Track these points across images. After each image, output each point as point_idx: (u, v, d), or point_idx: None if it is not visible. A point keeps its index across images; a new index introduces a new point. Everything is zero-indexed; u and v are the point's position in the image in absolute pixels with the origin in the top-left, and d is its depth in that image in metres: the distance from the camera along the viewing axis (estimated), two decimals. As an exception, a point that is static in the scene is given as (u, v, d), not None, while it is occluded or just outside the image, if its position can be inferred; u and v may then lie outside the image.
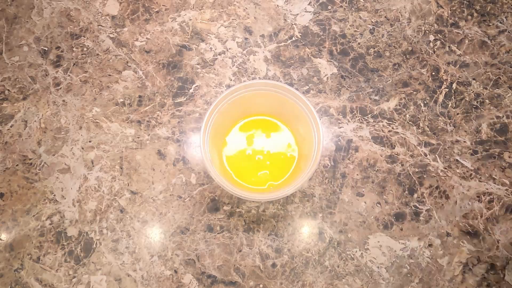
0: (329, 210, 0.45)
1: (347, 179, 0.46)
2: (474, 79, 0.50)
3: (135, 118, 0.48)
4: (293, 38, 0.52)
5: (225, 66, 0.50)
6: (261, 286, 0.42)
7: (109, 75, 0.50)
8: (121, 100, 0.49)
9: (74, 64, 0.51)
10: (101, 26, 0.53)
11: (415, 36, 0.52)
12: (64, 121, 0.48)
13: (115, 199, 0.45)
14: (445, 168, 0.46)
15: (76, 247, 0.44)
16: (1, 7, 0.54)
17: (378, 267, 0.43)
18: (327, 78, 0.50)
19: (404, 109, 0.49)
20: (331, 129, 0.48)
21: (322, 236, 0.44)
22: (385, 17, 0.52)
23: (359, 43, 0.51)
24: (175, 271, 0.43)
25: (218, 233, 0.44)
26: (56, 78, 0.50)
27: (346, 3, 0.53)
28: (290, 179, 0.42)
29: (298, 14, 0.53)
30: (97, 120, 0.48)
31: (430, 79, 0.50)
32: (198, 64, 0.51)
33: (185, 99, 0.49)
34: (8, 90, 0.50)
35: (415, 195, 0.45)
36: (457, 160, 0.47)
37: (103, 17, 0.53)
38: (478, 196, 0.45)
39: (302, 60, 0.51)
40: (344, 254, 0.43)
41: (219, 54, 0.51)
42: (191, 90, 0.50)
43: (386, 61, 0.51)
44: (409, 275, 0.43)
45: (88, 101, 0.49)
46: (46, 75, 0.50)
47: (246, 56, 0.51)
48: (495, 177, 0.46)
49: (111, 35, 0.52)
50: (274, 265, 0.43)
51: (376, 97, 0.49)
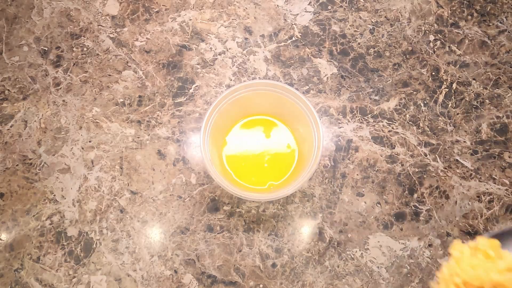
0: (329, 210, 0.45)
1: (347, 179, 0.46)
2: (474, 79, 0.50)
3: (135, 118, 0.48)
4: (293, 38, 0.52)
5: (225, 66, 0.50)
6: (261, 286, 0.42)
7: (109, 75, 0.50)
8: (121, 100, 0.49)
9: (74, 64, 0.51)
10: (101, 26, 0.53)
11: (415, 36, 0.52)
12: (64, 121, 0.48)
13: (115, 199, 0.45)
14: (445, 168, 0.46)
15: (76, 247, 0.44)
16: (1, 7, 0.54)
17: (378, 267, 0.43)
18: (327, 78, 0.50)
19: (404, 109, 0.49)
20: (331, 129, 0.48)
21: (322, 236, 0.44)
22: (385, 17, 0.53)
23: (359, 43, 0.51)
24: (175, 271, 0.43)
25: (218, 233, 0.44)
26: (56, 78, 0.50)
27: (346, 3, 0.53)
28: (290, 179, 0.42)
29: (298, 14, 0.53)
30: (97, 120, 0.48)
31: (430, 79, 0.50)
32: (198, 64, 0.51)
33: (185, 99, 0.49)
34: (8, 90, 0.50)
35: (415, 195, 0.45)
36: (457, 160, 0.47)
37: (103, 17, 0.53)
38: (478, 196, 0.45)
39: (302, 60, 0.51)
40: (344, 254, 0.43)
41: (219, 54, 0.51)
42: (191, 90, 0.50)
43: (386, 61, 0.51)
44: (409, 275, 0.43)
45: (88, 101, 0.49)
46: (46, 75, 0.50)
47: (246, 56, 0.51)
48: (495, 177, 0.46)
49: (111, 35, 0.52)
50: (274, 265, 0.43)
51: (376, 97, 0.49)
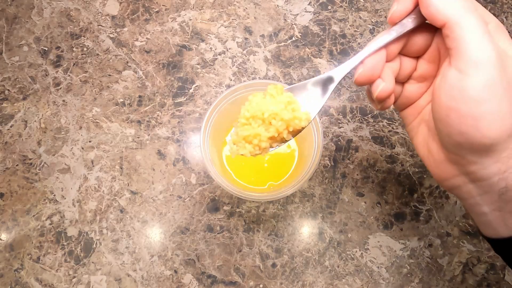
0: (329, 210, 0.45)
1: (347, 179, 0.46)
2: (474, 79, 0.50)
3: (135, 118, 0.48)
4: (293, 38, 0.52)
5: (225, 66, 0.50)
6: (261, 286, 0.42)
7: (109, 75, 0.50)
8: (121, 100, 0.49)
9: (74, 64, 0.51)
10: (101, 26, 0.53)
11: (415, 36, 0.52)
12: (64, 121, 0.48)
13: (115, 199, 0.45)
14: (445, 168, 0.46)
15: (76, 247, 0.44)
16: (1, 7, 0.54)
17: (378, 267, 0.43)
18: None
19: (404, 109, 0.49)
20: (331, 129, 0.48)
21: (322, 236, 0.44)
22: (385, 17, 0.52)
23: (359, 43, 0.51)
24: (175, 271, 0.43)
25: (218, 233, 0.44)
26: (56, 78, 0.50)
27: (346, 3, 0.53)
28: (290, 179, 0.42)
29: (298, 14, 0.53)
30: (97, 120, 0.48)
31: (430, 79, 0.50)
32: (198, 64, 0.51)
33: (185, 99, 0.49)
34: (8, 90, 0.50)
35: (415, 195, 0.45)
36: (457, 160, 0.47)
37: (103, 17, 0.53)
38: (478, 196, 0.45)
39: (302, 60, 0.51)
40: (344, 254, 0.43)
41: (219, 54, 0.51)
42: (191, 90, 0.50)
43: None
44: (409, 275, 0.43)
45: (88, 101, 0.49)
46: (46, 75, 0.50)
47: (246, 56, 0.51)
48: (495, 177, 0.46)
49: (111, 35, 0.52)
50: (274, 265, 0.43)
51: (376, 97, 0.49)
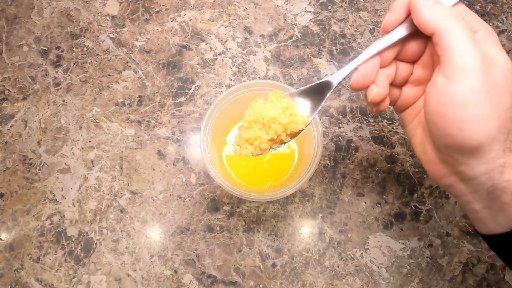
0: (329, 210, 0.45)
1: (347, 179, 0.46)
2: (474, 79, 0.50)
3: (135, 118, 0.48)
4: (293, 38, 0.52)
5: (225, 66, 0.50)
6: (261, 286, 0.42)
7: (109, 75, 0.50)
8: (121, 100, 0.49)
9: (74, 64, 0.51)
10: (101, 26, 0.53)
11: (415, 36, 0.52)
12: (64, 121, 0.48)
13: (115, 199, 0.45)
14: (445, 168, 0.46)
15: (76, 247, 0.44)
16: (1, 7, 0.54)
17: (378, 267, 0.43)
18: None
19: (404, 109, 0.49)
20: (331, 129, 0.48)
21: (322, 236, 0.44)
22: (385, 17, 0.52)
23: (359, 43, 0.51)
24: (175, 271, 0.43)
25: (218, 233, 0.44)
26: (56, 78, 0.50)
27: (346, 3, 0.53)
28: (290, 179, 0.42)
29: (298, 14, 0.53)
30: (97, 120, 0.48)
31: (430, 79, 0.50)
32: (198, 64, 0.51)
33: (185, 99, 0.49)
34: (8, 90, 0.50)
35: (415, 195, 0.45)
36: (457, 160, 0.47)
37: (103, 17, 0.53)
38: (478, 196, 0.45)
39: (302, 60, 0.51)
40: (344, 254, 0.43)
41: (219, 54, 0.51)
42: (191, 90, 0.50)
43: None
44: (409, 275, 0.43)
45: (88, 101, 0.49)
46: (46, 75, 0.50)
47: (246, 56, 0.51)
48: (495, 177, 0.46)
49: (111, 35, 0.52)
50: (274, 265, 0.43)
51: (376, 97, 0.49)
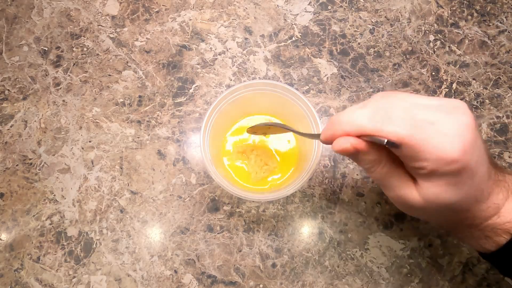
0: (329, 210, 0.45)
1: (347, 179, 0.46)
2: (474, 79, 0.50)
3: (135, 118, 0.48)
4: (293, 38, 0.52)
5: (225, 66, 0.50)
6: (261, 286, 0.42)
7: (109, 75, 0.50)
8: (121, 100, 0.49)
9: (74, 64, 0.51)
10: (101, 26, 0.53)
11: (415, 36, 0.52)
12: (64, 121, 0.48)
13: (115, 199, 0.45)
14: (445, 168, 0.46)
15: (76, 247, 0.44)
16: (1, 7, 0.54)
17: (378, 267, 0.43)
18: (327, 78, 0.50)
19: (404, 109, 0.49)
20: (331, 129, 0.48)
21: (322, 236, 0.44)
22: (385, 17, 0.52)
23: (359, 43, 0.51)
24: (175, 271, 0.43)
25: (218, 233, 0.44)
26: (56, 78, 0.50)
27: (346, 3, 0.53)
28: (290, 179, 0.42)
29: (298, 14, 0.53)
30: (97, 120, 0.48)
31: (430, 79, 0.50)
32: (198, 64, 0.51)
33: (185, 99, 0.49)
34: (8, 90, 0.50)
35: (415, 195, 0.45)
36: (457, 160, 0.47)
37: (103, 17, 0.53)
38: (478, 196, 0.45)
39: (302, 60, 0.51)
40: (344, 254, 0.43)
41: (219, 54, 0.51)
42: (191, 90, 0.50)
43: (386, 61, 0.51)
44: (409, 275, 0.43)
45: (88, 101, 0.49)
46: (46, 75, 0.50)
47: (246, 56, 0.51)
48: (495, 177, 0.46)
49: (111, 35, 0.52)
50: (274, 265, 0.43)
51: (376, 97, 0.49)
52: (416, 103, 0.27)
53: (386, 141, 0.26)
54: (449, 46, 0.51)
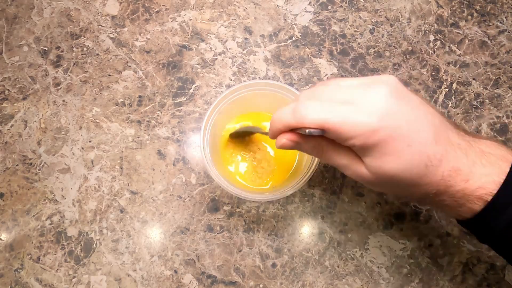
0: (329, 210, 0.45)
1: (347, 179, 0.46)
2: (474, 79, 0.50)
3: (135, 118, 0.48)
4: (293, 38, 0.52)
5: (225, 66, 0.50)
6: (261, 286, 0.42)
7: (109, 75, 0.50)
8: (121, 100, 0.49)
9: (74, 64, 0.51)
10: (101, 26, 0.53)
11: (415, 36, 0.52)
12: (64, 121, 0.48)
13: (115, 199, 0.45)
14: (445, 168, 0.46)
15: (76, 247, 0.44)
16: (1, 7, 0.54)
17: (378, 267, 0.43)
18: (327, 78, 0.50)
19: (404, 109, 0.48)
20: (331, 129, 0.48)
21: (322, 236, 0.44)
22: (385, 17, 0.53)
23: (359, 43, 0.51)
24: (175, 271, 0.43)
25: (218, 233, 0.44)
26: (56, 78, 0.50)
27: (346, 3, 0.53)
28: (290, 179, 0.42)
29: (298, 14, 0.53)
30: (97, 120, 0.48)
31: (430, 79, 0.50)
32: (198, 64, 0.51)
33: (185, 99, 0.49)
34: (8, 90, 0.50)
35: (415, 195, 0.45)
36: (457, 160, 0.47)
37: (103, 17, 0.53)
38: (478, 196, 0.45)
39: (302, 60, 0.51)
40: (344, 254, 0.43)
41: (219, 54, 0.51)
42: (191, 90, 0.50)
43: (386, 61, 0.51)
44: (409, 275, 0.43)
45: (88, 101, 0.49)
46: (46, 75, 0.50)
47: (246, 56, 0.51)
48: (495, 177, 0.46)
49: (111, 35, 0.52)
50: (274, 265, 0.43)
51: (376, 97, 0.49)
52: (339, 86, 0.29)
53: (308, 131, 0.27)
54: (449, 46, 0.51)
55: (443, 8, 0.53)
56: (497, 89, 0.49)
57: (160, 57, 0.51)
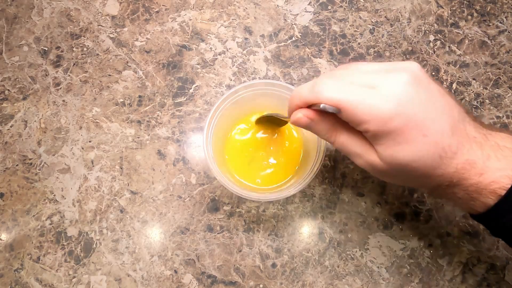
0: (329, 210, 0.45)
1: (347, 179, 0.46)
2: (474, 79, 0.50)
3: (135, 118, 0.48)
4: (293, 38, 0.52)
5: (225, 66, 0.50)
6: (261, 286, 0.42)
7: (109, 75, 0.50)
8: (121, 100, 0.49)
9: (74, 64, 0.51)
10: (101, 26, 0.53)
11: (415, 36, 0.52)
12: (64, 121, 0.48)
13: (115, 199, 0.45)
14: (445, 168, 0.46)
15: (76, 247, 0.44)
16: (1, 7, 0.54)
17: (378, 267, 0.43)
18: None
19: (404, 109, 0.49)
20: (331, 129, 0.48)
21: (322, 236, 0.44)
22: (385, 17, 0.53)
23: (359, 43, 0.51)
24: (175, 271, 0.43)
25: (218, 233, 0.44)
26: (56, 78, 0.50)
27: (346, 3, 0.53)
28: (291, 179, 0.42)
29: (298, 14, 0.53)
30: (97, 120, 0.48)
31: (430, 79, 0.50)
32: (198, 64, 0.51)
33: (185, 99, 0.49)
34: (8, 90, 0.50)
35: (415, 195, 0.45)
36: (457, 160, 0.47)
37: (103, 17, 0.53)
38: (478, 196, 0.45)
39: (302, 60, 0.51)
40: (344, 254, 0.43)
41: (219, 54, 0.51)
42: (191, 90, 0.50)
43: (386, 61, 0.51)
44: (409, 275, 0.43)
45: (88, 101, 0.49)
46: (46, 75, 0.50)
47: (246, 56, 0.51)
48: (495, 177, 0.46)
49: (111, 35, 0.52)
50: (274, 265, 0.43)
51: (376, 97, 0.49)
52: (359, 70, 0.29)
53: (323, 105, 0.27)
54: (449, 46, 0.51)
55: (443, 8, 0.53)
56: (497, 89, 0.49)
57: (160, 57, 0.51)
